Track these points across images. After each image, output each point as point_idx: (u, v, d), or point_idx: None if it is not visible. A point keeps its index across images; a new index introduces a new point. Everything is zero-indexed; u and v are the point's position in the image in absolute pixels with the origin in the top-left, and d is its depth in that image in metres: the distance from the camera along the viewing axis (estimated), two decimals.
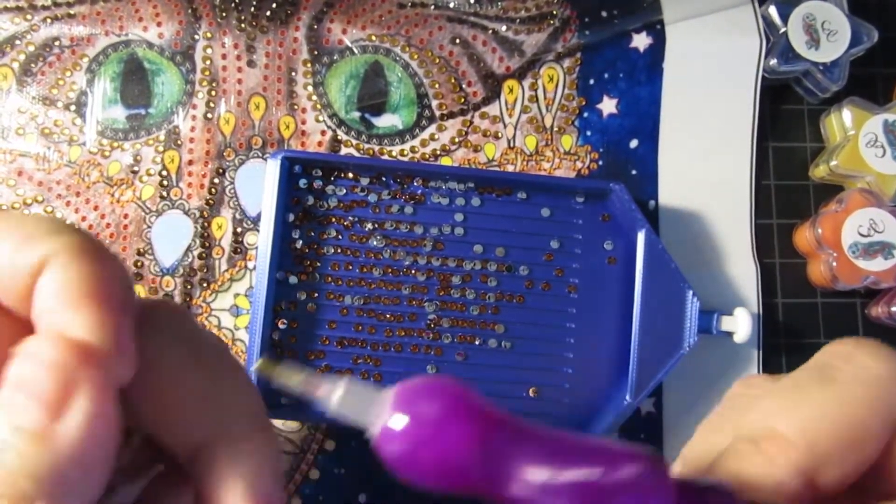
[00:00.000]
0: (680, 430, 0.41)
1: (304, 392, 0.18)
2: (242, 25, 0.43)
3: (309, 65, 0.43)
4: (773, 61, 0.43)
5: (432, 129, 0.43)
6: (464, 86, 0.43)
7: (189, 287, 0.41)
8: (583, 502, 0.17)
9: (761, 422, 0.20)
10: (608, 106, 0.44)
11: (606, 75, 0.44)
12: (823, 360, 0.21)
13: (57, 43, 0.42)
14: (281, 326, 0.39)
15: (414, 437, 0.17)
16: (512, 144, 0.43)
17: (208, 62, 0.43)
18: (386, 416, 0.17)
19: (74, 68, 0.42)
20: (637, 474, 0.17)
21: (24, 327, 0.19)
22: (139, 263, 0.41)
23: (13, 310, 0.19)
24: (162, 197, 0.42)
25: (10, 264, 0.19)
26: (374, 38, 0.43)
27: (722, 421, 0.23)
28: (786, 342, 0.43)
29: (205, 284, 0.41)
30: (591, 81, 0.44)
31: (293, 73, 0.43)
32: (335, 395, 0.18)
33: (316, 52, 0.43)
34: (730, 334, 0.40)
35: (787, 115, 0.45)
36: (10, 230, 0.19)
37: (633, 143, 0.43)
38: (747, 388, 0.23)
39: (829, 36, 0.42)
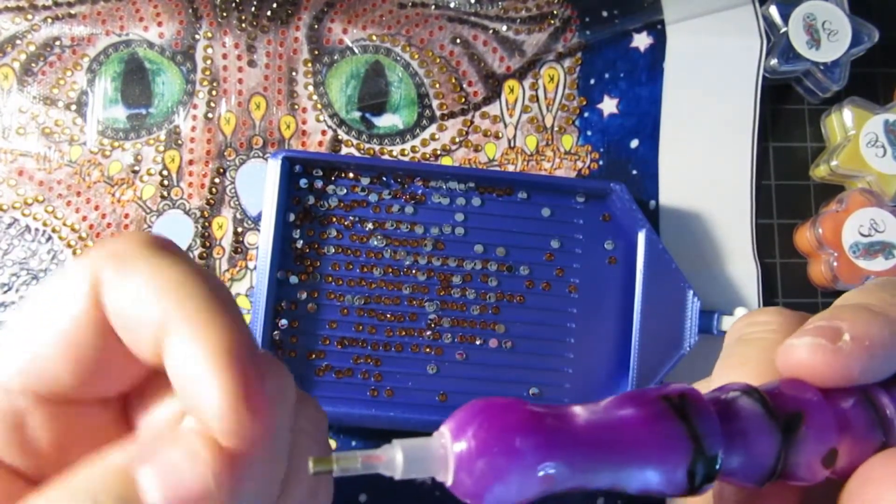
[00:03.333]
0: None
1: (368, 469, 0.18)
2: (243, 25, 0.43)
3: (310, 64, 0.43)
4: (774, 61, 0.43)
5: (433, 128, 0.43)
6: (464, 86, 0.43)
7: None
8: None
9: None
10: (609, 106, 0.44)
11: (607, 75, 0.44)
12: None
13: (58, 43, 0.42)
14: (281, 326, 0.39)
15: (484, 462, 0.17)
16: (512, 144, 0.43)
17: (209, 62, 0.43)
18: (450, 461, 0.17)
19: (75, 68, 0.42)
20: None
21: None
22: None
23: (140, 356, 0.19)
24: (163, 196, 0.42)
25: (134, 316, 0.19)
26: (374, 37, 0.43)
27: (740, 359, 0.23)
28: None
29: None
30: (592, 81, 0.44)
31: (294, 73, 0.43)
32: (397, 462, 0.18)
33: (317, 52, 0.43)
34: None
35: (787, 114, 0.45)
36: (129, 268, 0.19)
37: (634, 143, 0.43)
38: (754, 326, 0.24)
39: (829, 36, 0.42)
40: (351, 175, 0.40)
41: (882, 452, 0.19)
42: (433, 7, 0.44)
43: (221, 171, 0.42)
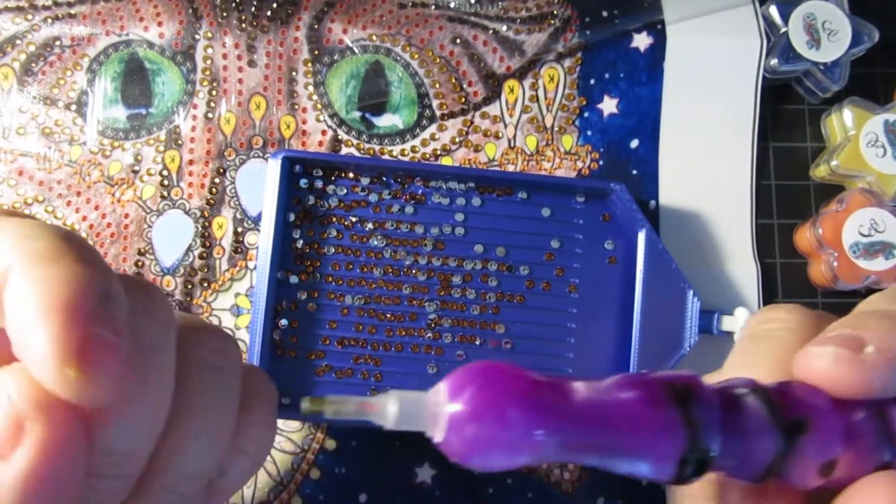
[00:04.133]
0: None
1: (360, 415, 0.18)
2: (243, 25, 0.43)
3: (310, 64, 0.43)
4: (774, 61, 0.43)
5: (433, 128, 0.43)
6: (464, 85, 0.43)
7: (190, 287, 0.41)
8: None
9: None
10: (609, 106, 0.44)
11: (607, 75, 0.44)
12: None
13: (58, 43, 0.42)
14: (281, 326, 0.39)
15: (476, 428, 0.17)
16: (512, 144, 0.43)
17: (209, 62, 0.43)
18: (442, 420, 0.17)
19: (75, 68, 0.42)
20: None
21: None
22: (140, 263, 0.41)
23: None
24: (163, 196, 0.42)
25: None
26: (374, 37, 0.43)
27: (753, 356, 0.22)
28: None
29: (205, 284, 0.41)
30: (592, 81, 0.44)
31: (294, 73, 0.43)
32: (390, 412, 0.18)
33: (317, 52, 0.43)
34: (731, 334, 0.40)
35: (787, 114, 0.45)
36: None
37: (634, 143, 0.43)
38: (769, 323, 0.23)
39: (829, 36, 0.42)
40: (351, 175, 0.40)
41: (879, 473, 0.19)
42: (433, 7, 0.44)
43: (221, 171, 0.42)
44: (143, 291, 0.21)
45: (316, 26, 0.43)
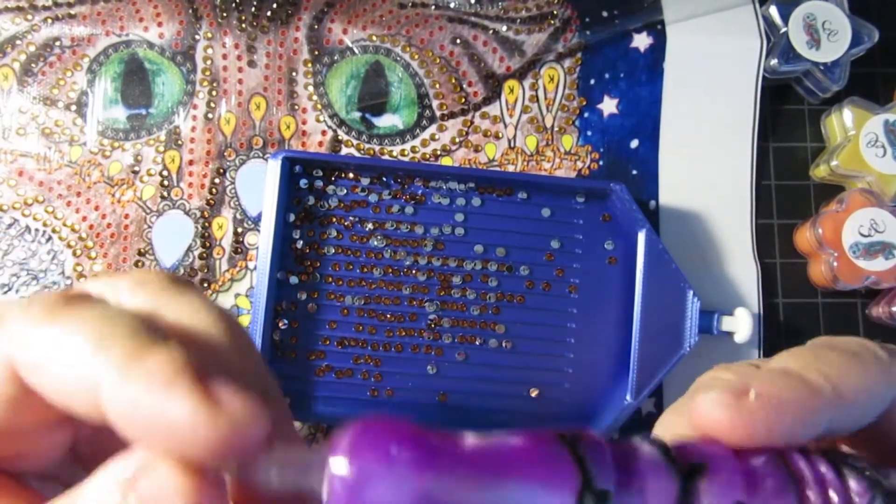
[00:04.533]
0: None
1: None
2: (243, 25, 0.43)
3: (310, 65, 0.43)
4: (774, 61, 0.43)
5: (433, 129, 0.43)
6: (464, 86, 0.43)
7: None
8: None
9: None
10: (609, 106, 0.44)
11: (607, 75, 0.44)
12: (824, 340, 0.22)
13: (58, 43, 0.42)
14: (282, 327, 0.39)
15: (358, 490, 0.16)
16: (512, 144, 0.43)
17: (209, 62, 0.43)
18: (327, 472, 0.16)
19: (75, 68, 0.42)
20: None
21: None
22: (140, 263, 0.41)
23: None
24: (163, 197, 0.42)
25: (71, 377, 0.17)
26: (374, 38, 0.43)
27: (681, 410, 0.22)
28: (786, 342, 0.43)
29: (205, 284, 0.41)
30: (592, 81, 0.44)
31: (294, 74, 0.43)
32: (273, 470, 0.17)
33: (317, 53, 0.43)
34: (730, 334, 0.40)
35: (787, 115, 0.45)
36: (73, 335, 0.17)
37: (634, 143, 0.43)
38: (721, 372, 0.23)
39: (829, 36, 0.42)
40: (351, 175, 0.40)
41: None
42: (433, 7, 0.44)
43: (221, 171, 0.42)
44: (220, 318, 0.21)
45: (316, 27, 0.43)
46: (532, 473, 0.17)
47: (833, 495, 0.19)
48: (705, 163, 0.43)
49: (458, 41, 0.44)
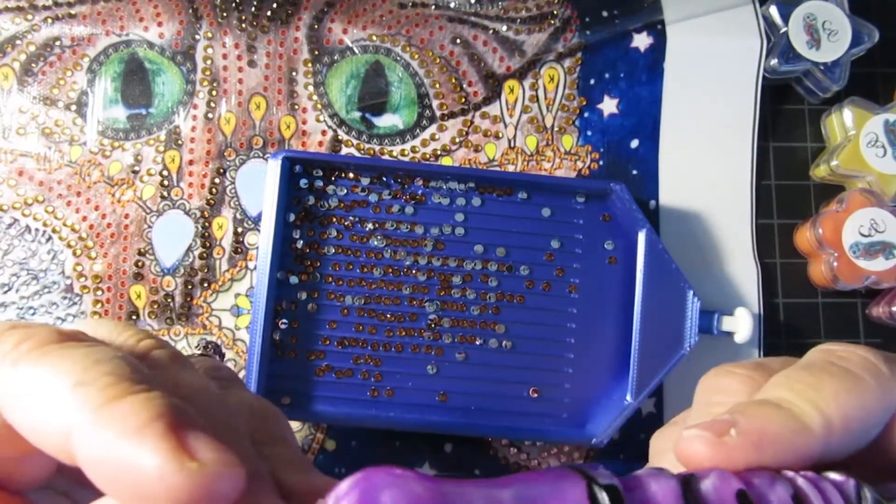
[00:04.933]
0: None
1: None
2: (243, 25, 0.43)
3: (310, 65, 0.43)
4: (774, 61, 0.43)
5: (433, 128, 0.43)
6: (464, 86, 0.43)
7: (190, 287, 0.41)
8: None
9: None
10: (609, 106, 0.44)
11: (607, 75, 0.44)
12: (825, 354, 0.21)
13: (58, 43, 0.42)
14: (282, 326, 0.39)
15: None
16: (512, 144, 0.43)
17: (209, 62, 0.43)
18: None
19: (75, 68, 0.42)
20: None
21: None
22: (140, 263, 0.41)
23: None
24: (163, 197, 0.42)
25: (41, 424, 0.17)
26: (374, 37, 0.43)
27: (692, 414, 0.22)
28: (786, 342, 0.43)
29: (205, 284, 0.41)
30: (592, 81, 0.44)
31: (294, 73, 0.43)
32: None
33: (317, 52, 0.43)
34: (730, 334, 0.40)
35: (787, 114, 0.45)
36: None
37: (634, 143, 0.43)
38: (723, 394, 0.23)
39: (829, 36, 0.42)
40: (351, 175, 0.40)
41: None
42: (433, 7, 0.44)
43: (221, 171, 0.42)
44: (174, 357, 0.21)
45: (316, 26, 0.43)
46: (540, 482, 0.17)
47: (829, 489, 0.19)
48: (705, 163, 0.43)
49: (458, 41, 0.44)
